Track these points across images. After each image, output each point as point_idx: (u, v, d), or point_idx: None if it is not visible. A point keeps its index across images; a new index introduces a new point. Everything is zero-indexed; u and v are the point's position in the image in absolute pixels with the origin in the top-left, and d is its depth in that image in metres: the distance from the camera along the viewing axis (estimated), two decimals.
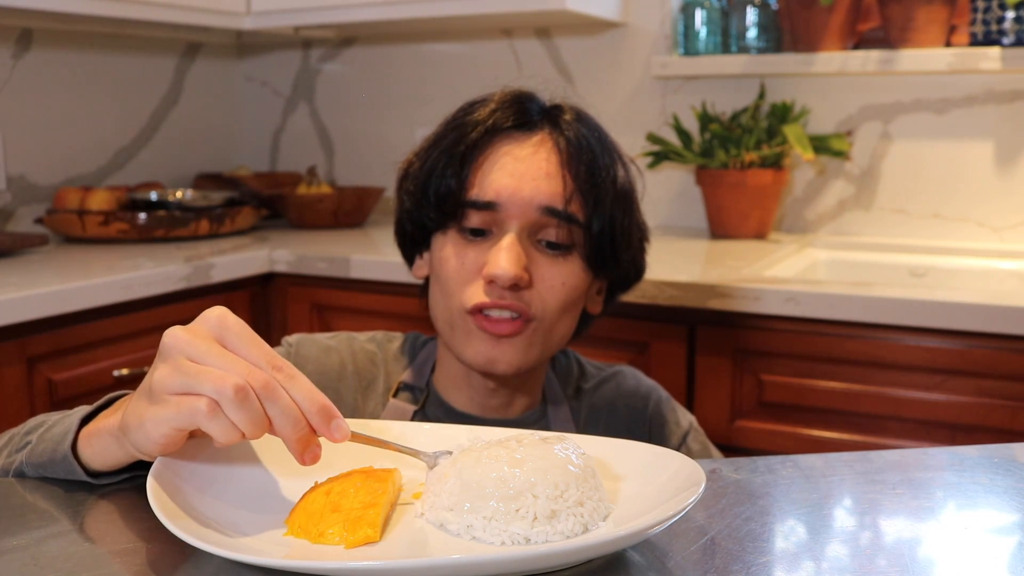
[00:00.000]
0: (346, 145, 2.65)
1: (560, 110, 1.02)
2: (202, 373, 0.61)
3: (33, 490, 0.74)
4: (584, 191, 0.98)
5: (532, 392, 1.08)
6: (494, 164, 0.98)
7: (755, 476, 0.75)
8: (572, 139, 0.99)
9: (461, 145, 0.99)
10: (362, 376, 1.08)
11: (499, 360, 0.97)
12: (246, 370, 0.61)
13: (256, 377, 0.61)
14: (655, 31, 2.22)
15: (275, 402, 0.62)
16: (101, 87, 2.34)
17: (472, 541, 0.62)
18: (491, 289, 0.96)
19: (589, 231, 0.98)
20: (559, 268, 0.98)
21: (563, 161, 0.98)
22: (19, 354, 1.51)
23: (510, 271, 0.94)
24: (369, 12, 2.17)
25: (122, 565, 0.61)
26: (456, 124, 1.01)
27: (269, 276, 1.97)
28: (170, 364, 0.62)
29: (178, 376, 0.61)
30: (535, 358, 0.99)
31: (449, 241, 1.00)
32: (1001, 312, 1.38)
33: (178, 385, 0.61)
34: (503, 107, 1.00)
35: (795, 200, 2.16)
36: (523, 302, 0.96)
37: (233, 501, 0.67)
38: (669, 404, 1.16)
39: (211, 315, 0.64)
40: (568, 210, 0.97)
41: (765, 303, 1.51)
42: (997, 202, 1.98)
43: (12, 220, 2.15)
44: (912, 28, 1.94)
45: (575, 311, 1.02)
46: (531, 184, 0.96)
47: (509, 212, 0.96)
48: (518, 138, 0.99)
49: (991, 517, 0.70)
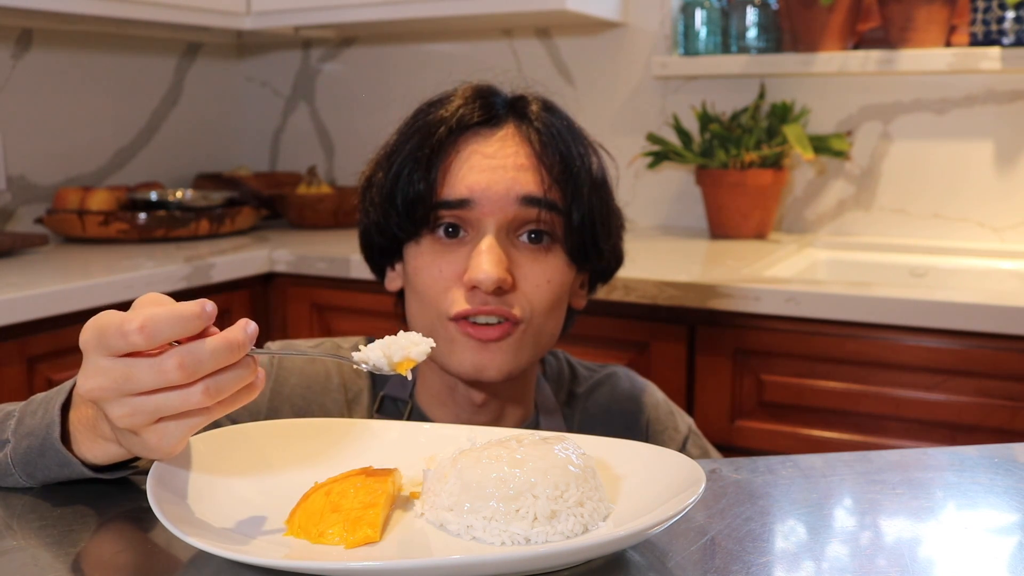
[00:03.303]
0: (346, 145, 2.65)
1: (525, 101, 0.98)
2: (156, 399, 0.60)
3: (33, 490, 0.73)
4: (561, 182, 0.94)
5: (522, 403, 1.03)
6: (463, 163, 0.94)
7: (755, 476, 0.75)
8: (542, 130, 0.95)
9: (426, 147, 0.94)
10: (348, 388, 1.03)
11: (487, 366, 0.92)
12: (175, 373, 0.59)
13: (187, 366, 0.59)
14: (655, 31, 2.22)
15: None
16: (101, 87, 2.34)
17: (472, 541, 0.62)
18: (473, 295, 0.91)
19: (569, 222, 0.95)
20: (542, 266, 0.94)
21: (536, 153, 0.94)
22: (19, 354, 1.51)
23: (493, 274, 0.89)
24: (369, 12, 2.17)
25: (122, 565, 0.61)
26: (418, 127, 0.97)
27: (269, 276, 1.97)
28: (120, 405, 0.60)
29: (138, 413, 0.60)
30: (525, 361, 0.95)
31: (423, 250, 0.95)
32: (1001, 312, 1.38)
33: (148, 414, 0.60)
34: (466, 104, 0.96)
35: (795, 200, 2.16)
36: (507, 305, 0.92)
37: (233, 501, 0.67)
38: (666, 408, 1.13)
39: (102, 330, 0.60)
40: (548, 197, 0.93)
41: (765, 303, 1.51)
42: (997, 202, 1.98)
43: (12, 220, 2.15)
44: (912, 28, 1.94)
45: (562, 308, 0.98)
46: (505, 177, 0.92)
47: (484, 209, 0.92)
48: (484, 134, 0.95)
49: (991, 517, 0.70)
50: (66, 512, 0.69)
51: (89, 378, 0.60)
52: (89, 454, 0.70)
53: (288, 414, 0.99)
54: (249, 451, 0.73)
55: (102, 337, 0.59)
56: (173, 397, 0.60)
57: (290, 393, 1.00)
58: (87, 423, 0.68)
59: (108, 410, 0.61)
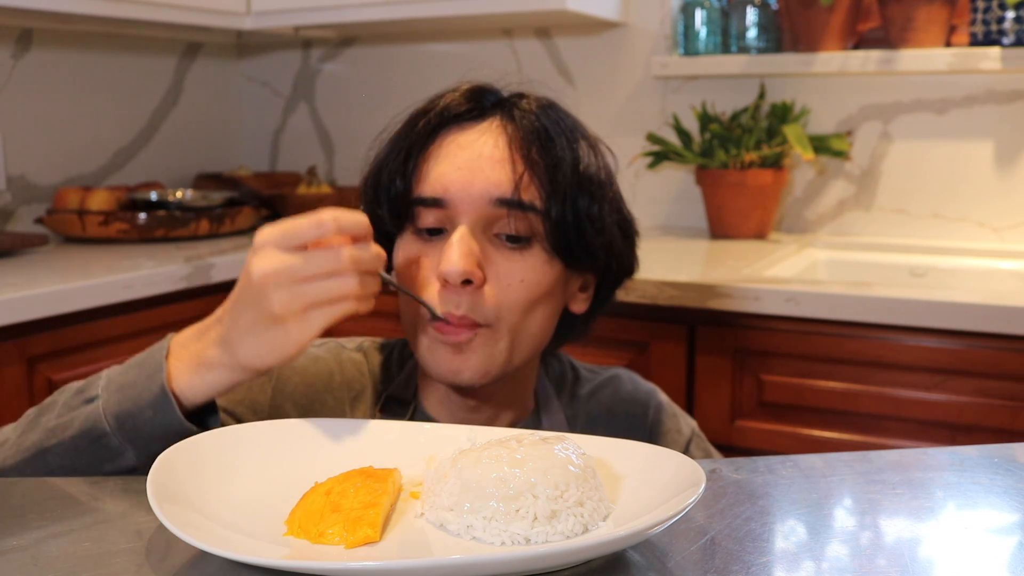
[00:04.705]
0: (346, 145, 2.65)
1: (519, 97, 0.97)
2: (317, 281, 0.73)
3: (33, 490, 0.74)
4: (538, 174, 0.91)
5: (519, 402, 1.02)
6: (439, 156, 0.93)
7: (755, 476, 0.75)
8: (524, 123, 0.93)
9: (406, 140, 0.94)
10: (351, 387, 1.03)
11: (462, 370, 0.90)
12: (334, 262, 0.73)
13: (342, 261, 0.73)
14: (655, 31, 2.22)
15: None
16: (101, 87, 2.34)
17: (472, 541, 0.62)
18: (447, 294, 0.89)
19: (548, 218, 0.91)
20: (517, 264, 0.91)
21: (512, 144, 0.92)
22: (19, 354, 1.51)
23: (459, 265, 0.87)
24: (369, 12, 2.17)
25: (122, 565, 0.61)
26: (405, 119, 0.97)
27: None
28: (285, 291, 0.72)
29: (297, 297, 0.73)
30: (502, 363, 0.92)
31: (405, 244, 0.94)
32: (1001, 312, 1.38)
33: (307, 298, 0.73)
34: (455, 98, 0.96)
35: (795, 200, 2.16)
36: (476, 307, 0.89)
37: (233, 501, 0.67)
38: (670, 410, 1.11)
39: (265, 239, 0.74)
40: (520, 198, 0.90)
41: (765, 303, 1.51)
42: (997, 202, 1.99)
43: (12, 220, 2.15)
44: (912, 28, 1.94)
45: (545, 309, 0.95)
46: (479, 176, 0.90)
47: (459, 208, 0.91)
48: (466, 126, 0.94)
49: (991, 517, 0.70)
50: (66, 512, 0.70)
51: (265, 264, 0.73)
52: (189, 391, 0.79)
53: (291, 411, 1.00)
54: (249, 451, 0.73)
55: (287, 231, 0.73)
56: (333, 284, 0.73)
57: (292, 391, 1.00)
58: (189, 359, 0.79)
59: (271, 295, 0.73)
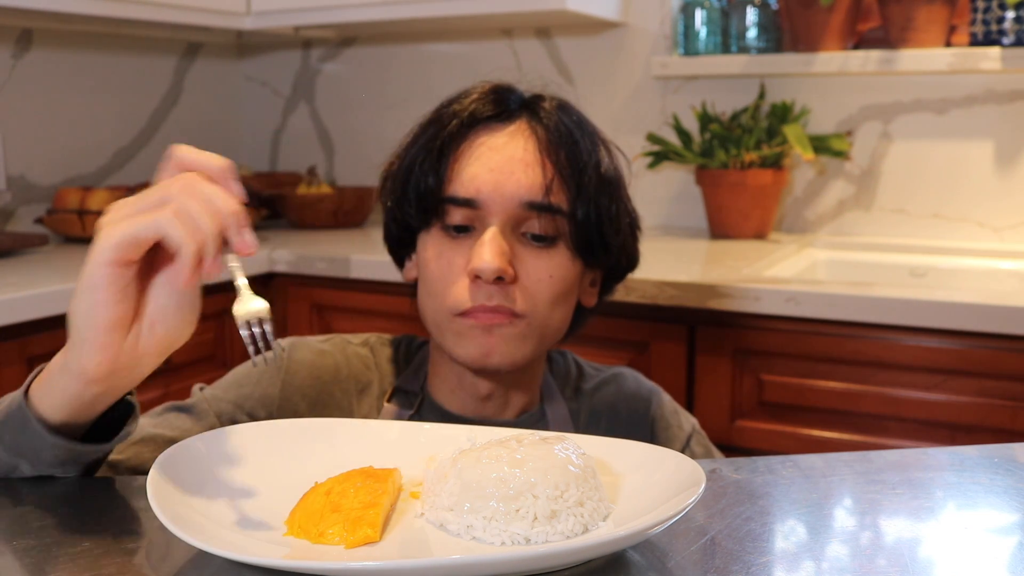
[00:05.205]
0: (346, 145, 2.65)
1: (540, 99, 1.00)
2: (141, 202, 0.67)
3: (34, 490, 0.74)
4: (565, 177, 0.96)
5: (528, 392, 1.06)
6: (471, 156, 0.96)
7: (755, 476, 0.75)
8: (550, 126, 0.97)
9: (438, 140, 0.98)
10: (358, 380, 1.06)
11: (493, 352, 0.95)
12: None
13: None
14: (655, 31, 2.22)
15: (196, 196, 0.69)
16: (101, 87, 2.34)
17: (472, 541, 0.62)
18: (476, 288, 0.94)
19: (574, 219, 0.97)
20: (545, 261, 0.96)
21: (542, 148, 0.96)
22: (19, 354, 1.51)
23: (493, 264, 0.91)
24: (369, 12, 2.17)
25: (122, 565, 0.61)
26: (433, 119, 1.00)
27: (269, 276, 1.97)
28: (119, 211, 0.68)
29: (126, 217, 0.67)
30: (530, 352, 0.97)
31: (432, 240, 0.98)
32: (1001, 312, 1.38)
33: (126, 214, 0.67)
34: (481, 99, 0.99)
35: (795, 200, 2.16)
36: (509, 300, 0.94)
37: (233, 501, 0.68)
38: (671, 407, 1.14)
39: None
40: (549, 201, 0.95)
41: (765, 303, 1.51)
42: (997, 202, 1.98)
43: (12, 220, 2.15)
44: (912, 28, 1.94)
45: (567, 304, 1.00)
46: (511, 178, 0.94)
47: (490, 209, 0.95)
48: (495, 128, 0.98)
49: (991, 517, 0.70)
50: (66, 513, 0.70)
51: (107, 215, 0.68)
52: (40, 402, 0.71)
53: (300, 403, 1.02)
54: (249, 451, 0.73)
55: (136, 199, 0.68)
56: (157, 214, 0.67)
57: (301, 383, 1.03)
58: (52, 371, 0.71)
59: (96, 245, 0.66)
